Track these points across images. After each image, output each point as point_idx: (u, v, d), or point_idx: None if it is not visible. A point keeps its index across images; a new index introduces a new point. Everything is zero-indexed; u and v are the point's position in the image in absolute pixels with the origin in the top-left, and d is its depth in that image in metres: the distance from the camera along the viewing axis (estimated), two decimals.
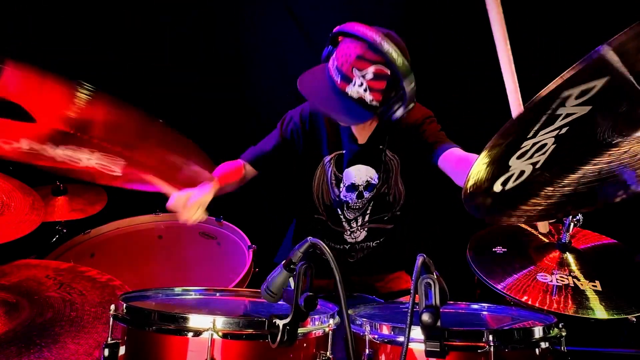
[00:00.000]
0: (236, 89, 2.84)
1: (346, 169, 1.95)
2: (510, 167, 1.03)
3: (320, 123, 1.96)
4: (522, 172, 1.06)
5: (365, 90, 1.65)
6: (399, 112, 1.68)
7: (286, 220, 2.39)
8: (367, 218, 2.03)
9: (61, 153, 1.20)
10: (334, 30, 1.72)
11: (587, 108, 0.93)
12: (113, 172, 1.30)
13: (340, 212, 2.01)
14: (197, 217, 1.64)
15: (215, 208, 2.31)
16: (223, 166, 1.92)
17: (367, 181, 1.96)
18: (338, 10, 2.64)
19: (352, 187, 1.96)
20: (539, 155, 1.03)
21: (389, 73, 1.63)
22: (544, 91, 0.87)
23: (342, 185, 1.97)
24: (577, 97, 0.90)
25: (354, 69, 1.64)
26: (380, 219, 2.04)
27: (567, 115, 0.94)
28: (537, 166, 1.05)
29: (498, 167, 1.02)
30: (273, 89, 2.73)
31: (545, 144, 1.00)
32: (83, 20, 2.63)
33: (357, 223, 2.03)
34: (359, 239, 2.06)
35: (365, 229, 2.04)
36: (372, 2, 2.57)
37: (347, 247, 2.07)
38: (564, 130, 0.97)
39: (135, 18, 2.71)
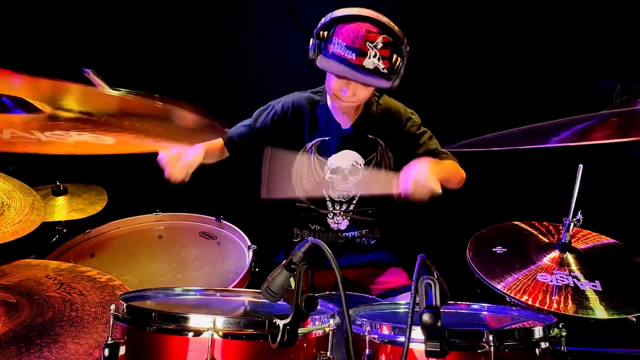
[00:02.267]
0: (232, 85, 2.84)
1: (333, 155, 2.06)
2: None
3: (303, 113, 2.07)
4: None
5: (378, 59, 1.81)
6: (397, 81, 1.88)
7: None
8: (351, 207, 2.13)
9: (48, 134, 1.18)
10: (325, 20, 1.85)
11: None
12: (106, 142, 1.26)
13: (325, 192, 2.11)
14: (183, 178, 1.85)
15: (215, 208, 2.32)
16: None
17: (352, 165, 2.07)
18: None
19: (337, 170, 2.07)
20: None
21: (392, 40, 1.83)
22: None
23: (326, 168, 2.07)
24: None
25: (366, 42, 1.79)
26: (364, 212, 2.14)
27: None
28: None
29: None
30: (270, 86, 2.73)
31: None
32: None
33: (341, 207, 2.12)
34: (342, 227, 2.14)
35: (348, 218, 2.14)
36: (371, 1, 2.57)
37: (332, 236, 2.14)
38: None
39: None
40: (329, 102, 2.06)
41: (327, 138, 2.06)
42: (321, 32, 1.87)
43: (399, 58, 1.87)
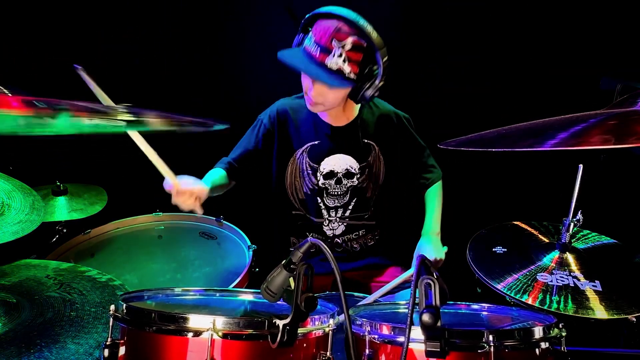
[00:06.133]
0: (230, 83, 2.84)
1: (325, 158, 2.01)
2: None
3: (287, 119, 2.02)
4: None
5: (344, 61, 1.71)
6: (370, 91, 1.77)
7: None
8: (347, 213, 2.09)
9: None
10: (307, 16, 1.79)
11: None
12: (118, 123, 1.25)
13: (319, 200, 2.06)
14: (193, 208, 1.77)
15: (215, 208, 2.32)
16: (211, 173, 1.98)
17: (346, 169, 2.02)
18: None
19: (330, 175, 2.02)
20: None
21: (365, 45, 1.71)
22: None
23: (319, 173, 2.02)
24: None
25: (333, 40, 1.70)
26: (361, 216, 2.11)
27: None
28: None
29: None
30: (270, 86, 2.74)
31: None
32: None
33: (336, 213, 2.08)
34: (337, 232, 2.11)
35: (345, 223, 2.10)
36: (370, 1, 2.57)
37: (328, 241, 2.12)
38: None
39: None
40: None
41: (316, 142, 2.01)
42: (305, 27, 1.82)
43: (373, 67, 1.74)
